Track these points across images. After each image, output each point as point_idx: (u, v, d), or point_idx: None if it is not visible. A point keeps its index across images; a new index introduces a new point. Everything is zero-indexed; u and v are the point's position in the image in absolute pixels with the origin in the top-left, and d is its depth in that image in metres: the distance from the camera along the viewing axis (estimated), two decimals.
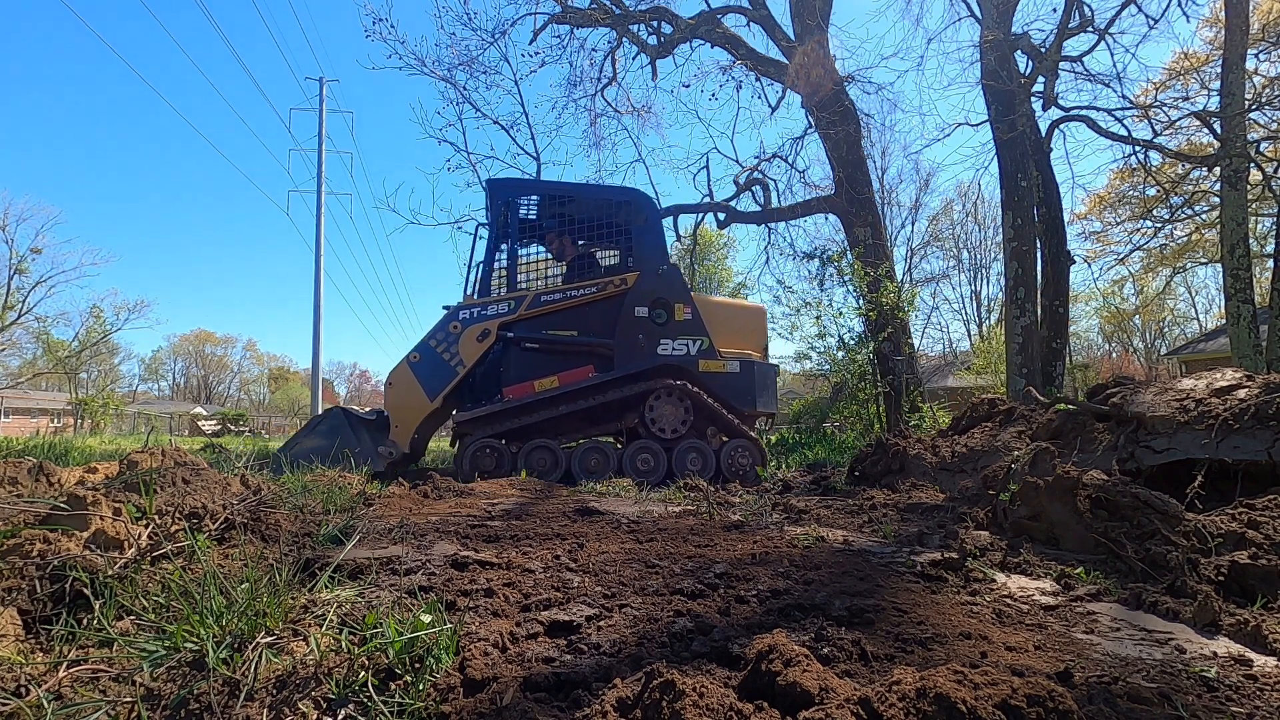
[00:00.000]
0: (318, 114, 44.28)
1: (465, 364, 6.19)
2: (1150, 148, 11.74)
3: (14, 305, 30.97)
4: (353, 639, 1.40)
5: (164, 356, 71.92)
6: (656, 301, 6.44)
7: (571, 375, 6.21)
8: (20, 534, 1.83)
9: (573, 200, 6.88)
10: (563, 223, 6.84)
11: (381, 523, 2.98)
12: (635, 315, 6.35)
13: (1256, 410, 2.90)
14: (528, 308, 6.30)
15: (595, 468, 6.04)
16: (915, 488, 4.35)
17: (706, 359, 6.42)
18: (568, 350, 6.36)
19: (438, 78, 13.00)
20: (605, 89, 14.16)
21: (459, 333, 6.23)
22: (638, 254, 6.62)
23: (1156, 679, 1.36)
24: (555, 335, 6.35)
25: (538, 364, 6.26)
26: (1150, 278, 29.98)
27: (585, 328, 6.41)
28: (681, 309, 6.46)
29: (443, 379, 6.17)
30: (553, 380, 6.15)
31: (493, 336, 6.22)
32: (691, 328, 6.44)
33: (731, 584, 2.02)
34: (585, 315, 6.43)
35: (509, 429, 6.04)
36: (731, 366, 6.47)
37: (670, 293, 6.48)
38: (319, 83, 44.69)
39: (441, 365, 6.18)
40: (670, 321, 6.44)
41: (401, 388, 6.22)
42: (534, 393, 6.11)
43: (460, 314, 6.31)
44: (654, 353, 6.33)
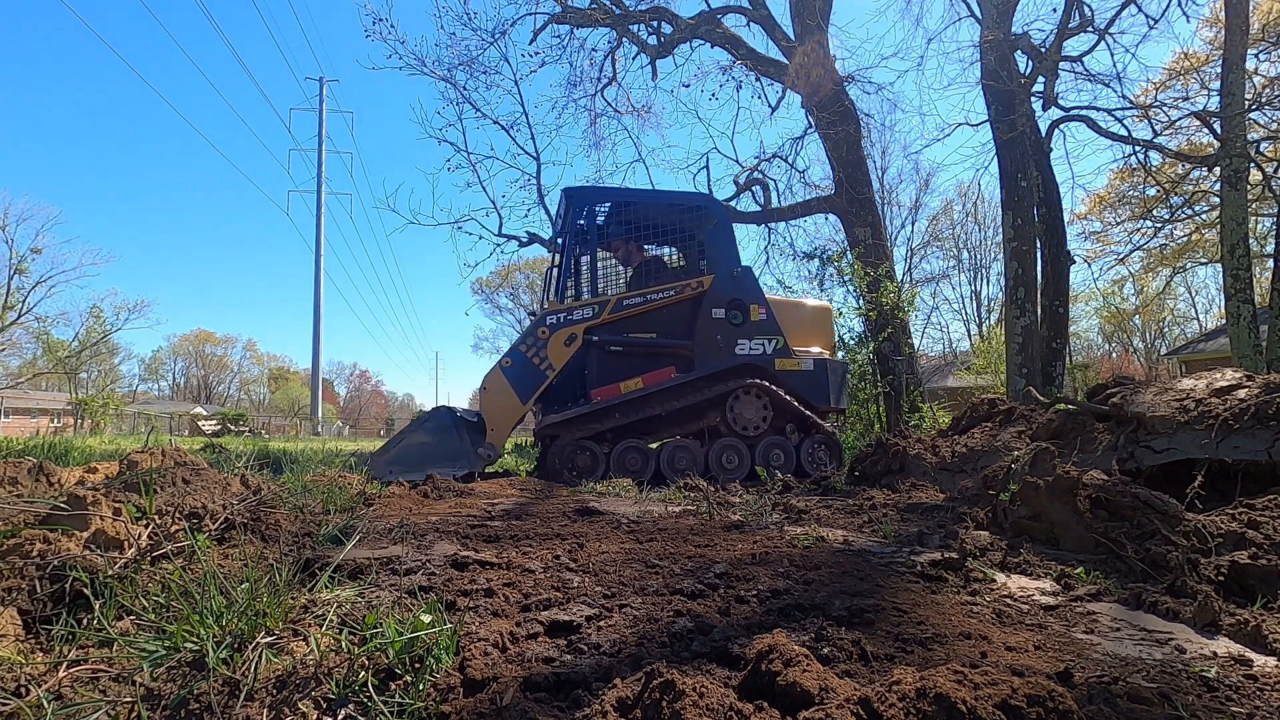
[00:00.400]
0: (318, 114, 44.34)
1: (554, 367, 6.41)
2: (1150, 148, 11.74)
3: (14, 305, 30.97)
4: (353, 639, 1.40)
5: (164, 356, 71.94)
6: (732, 303, 6.62)
7: (655, 376, 6.39)
8: (20, 534, 1.83)
9: (645, 206, 7.04)
10: (635, 228, 6.98)
11: (381, 523, 2.98)
12: (713, 317, 6.53)
13: (1256, 410, 2.90)
14: (610, 312, 6.49)
15: (684, 466, 6.15)
16: (915, 488, 4.35)
17: (782, 358, 6.60)
18: (649, 352, 6.54)
19: (438, 78, 13.01)
20: (605, 89, 14.16)
21: (547, 337, 6.43)
22: (711, 257, 6.79)
23: (1156, 679, 1.36)
24: (637, 338, 6.54)
25: (622, 366, 6.44)
26: (1150, 278, 29.98)
27: (663, 330, 6.60)
28: (756, 309, 6.65)
29: (534, 382, 6.39)
30: (637, 382, 6.33)
31: (579, 340, 6.42)
32: (766, 327, 6.62)
33: (731, 584, 2.02)
34: (663, 318, 6.61)
35: (597, 430, 6.22)
36: (806, 364, 6.66)
37: (745, 294, 6.67)
38: (319, 83, 44.76)
39: (532, 369, 6.39)
40: (746, 322, 6.62)
41: (496, 392, 6.42)
42: (620, 394, 6.28)
43: (547, 319, 6.49)
44: (732, 352, 6.50)
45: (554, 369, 6.39)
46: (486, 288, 61.60)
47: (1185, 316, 41.82)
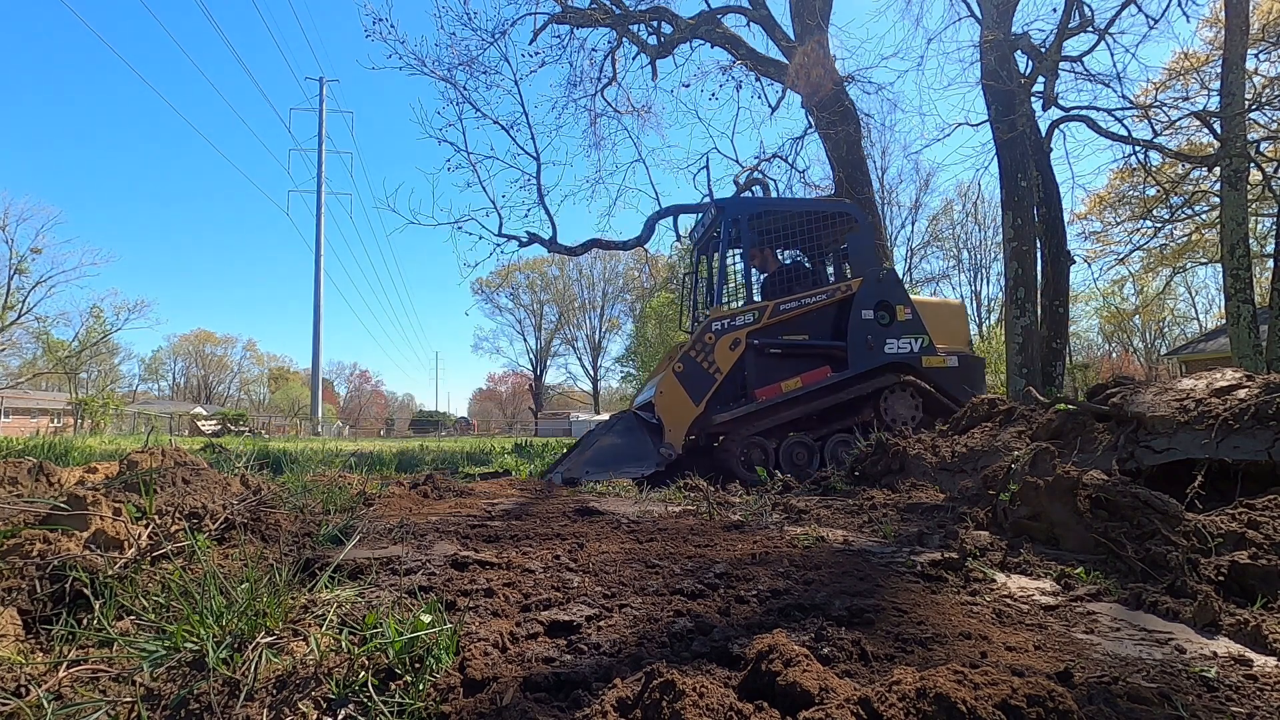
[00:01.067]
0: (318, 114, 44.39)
1: (722, 371, 6.78)
2: (1150, 148, 11.75)
3: (14, 305, 30.99)
4: (353, 639, 1.40)
5: (164, 356, 71.97)
6: (880, 304, 6.94)
7: (812, 376, 6.80)
8: (20, 534, 1.83)
9: (789, 215, 7.45)
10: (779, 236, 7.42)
11: (381, 523, 2.98)
12: (862, 318, 6.88)
13: (1256, 410, 2.90)
14: (769, 316, 6.88)
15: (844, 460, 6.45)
16: (915, 488, 4.35)
17: (928, 355, 6.91)
18: (805, 353, 6.95)
19: (438, 78, 12.98)
20: (605, 89, 14.15)
21: (714, 343, 6.81)
22: (856, 261, 7.19)
23: (1156, 679, 1.36)
24: (792, 339, 6.96)
25: (780, 367, 6.87)
26: (1150, 278, 30.00)
27: (814, 331, 7.00)
28: (902, 310, 6.98)
29: (704, 385, 6.77)
30: (796, 381, 6.75)
31: (743, 345, 6.79)
32: (912, 327, 6.93)
33: (731, 584, 2.02)
34: (814, 320, 7.01)
35: (764, 427, 6.65)
36: (950, 361, 6.97)
37: (891, 295, 6.99)
38: (319, 83, 44.79)
39: (702, 373, 6.77)
40: (893, 322, 6.95)
41: (670, 396, 6.77)
42: (782, 393, 6.71)
43: (713, 326, 6.89)
44: (882, 351, 6.84)
45: (721, 372, 6.78)
46: (486, 288, 61.70)
47: (1185, 316, 41.85)
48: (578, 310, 64.23)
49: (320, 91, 44.22)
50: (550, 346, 65.36)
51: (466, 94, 12.95)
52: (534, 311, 64.53)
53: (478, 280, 63.43)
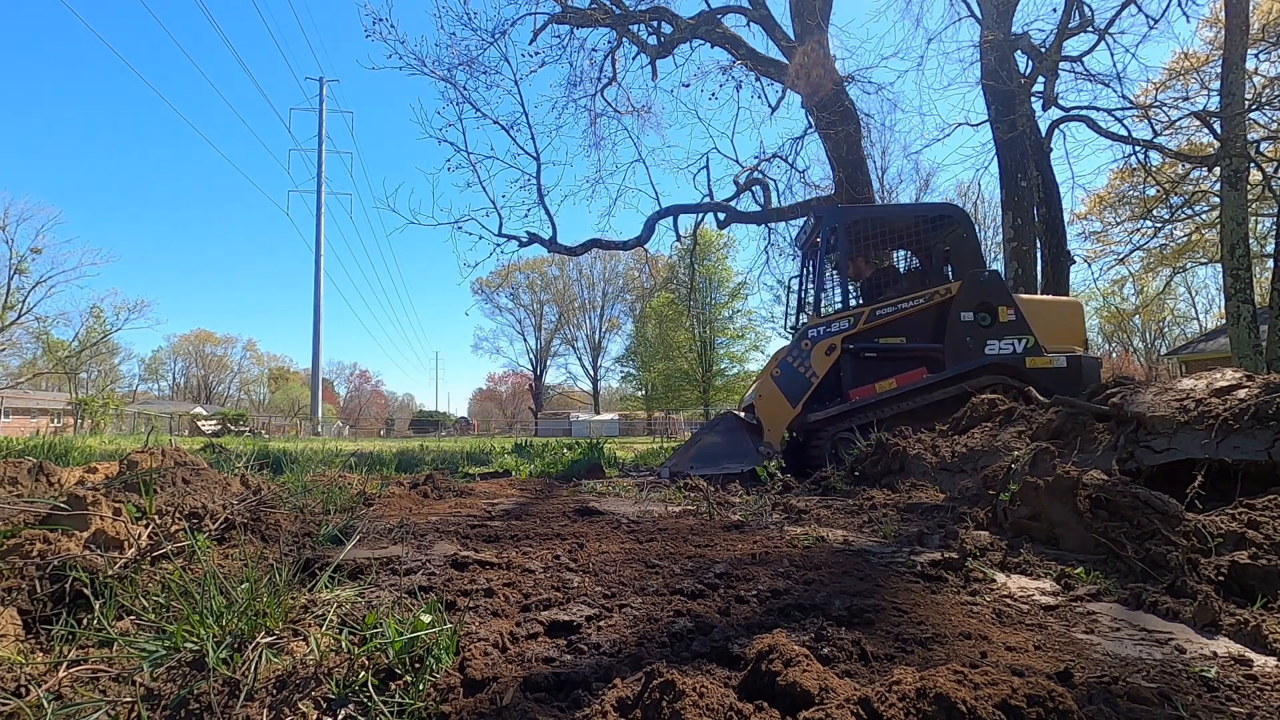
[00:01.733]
0: (318, 114, 44.39)
1: (818, 375, 7.04)
2: (1150, 148, 11.74)
3: (14, 305, 30.98)
4: (353, 639, 1.40)
5: (164, 356, 71.98)
6: (981, 305, 6.95)
7: (907, 377, 6.91)
8: (20, 534, 1.83)
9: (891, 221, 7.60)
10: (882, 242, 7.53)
11: (381, 523, 2.98)
12: (961, 320, 6.91)
13: (1256, 410, 2.90)
14: (865, 322, 7.06)
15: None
16: (915, 488, 4.35)
17: (1033, 356, 6.84)
18: (903, 356, 7.06)
19: (438, 78, 12.98)
20: (605, 89, 14.15)
21: (809, 349, 7.10)
22: (958, 263, 7.22)
23: (1156, 679, 1.36)
24: (887, 343, 7.08)
25: (876, 369, 7.01)
26: (1150, 278, 29.98)
27: (912, 334, 7.08)
28: (1005, 311, 6.95)
29: (800, 388, 7.06)
30: (890, 382, 6.88)
31: (838, 350, 7.03)
32: (1016, 328, 6.88)
33: (731, 584, 2.02)
34: (912, 323, 7.09)
35: (856, 425, 6.76)
36: (1058, 361, 6.84)
37: (993, 296, 6.98)
38: (319, 83, 44.79)
39: (798, 377, 7.08)
40: (995, 323, 6.93)
41: (769, 398, 7.12)
42: (875, 394, 6.86)
43: (809, 333, 7.17)
44: (982, 353, 6.84)
45: (817, 376, 7.04)
46: (486, 288, 61.70)
47: (1185, 316, 41.85)
48: (578, 310, 64.24)
49: (320, 91, 44.23)
50: (550, 346, 65.38)
51: (466, 94, 12.96)
52: (534, 311, 64.56)
53: (478, 280, 63.45)
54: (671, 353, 38.64)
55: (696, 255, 25.12)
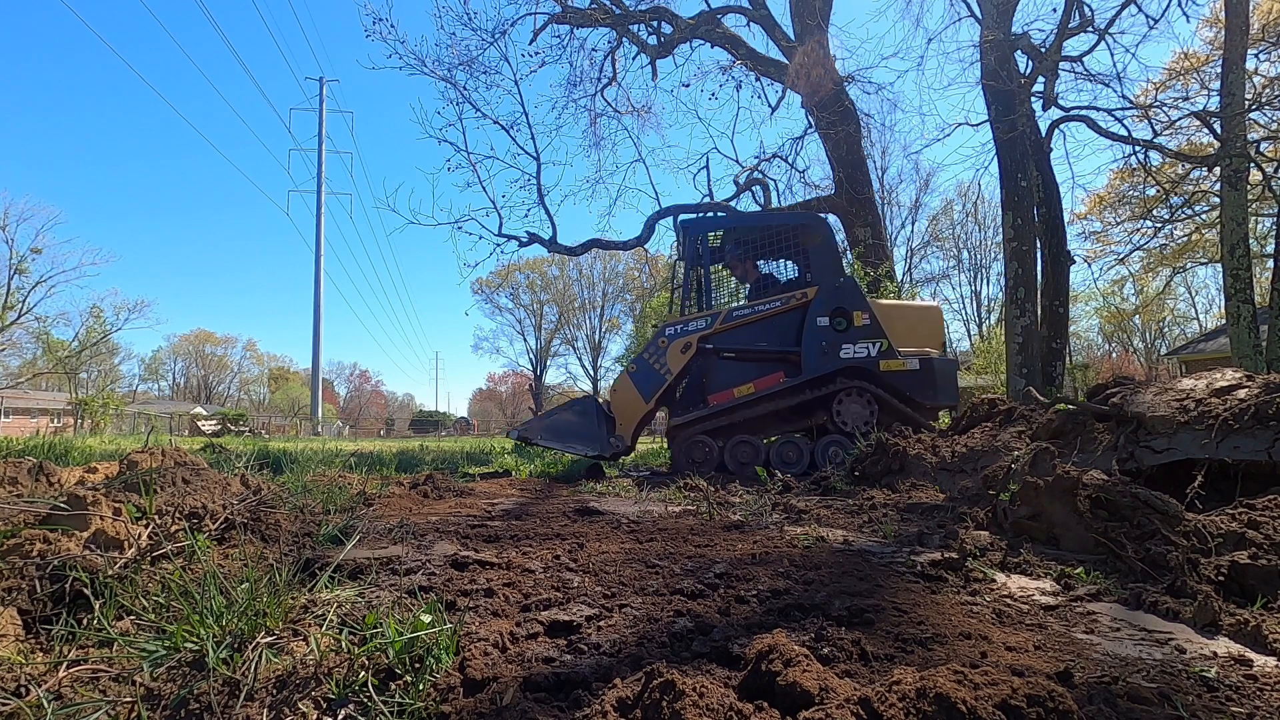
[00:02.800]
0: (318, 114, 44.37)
1: (672, 371, 7.25)
2: (1150, 148, 11.74)
3: (14, 305, 30.96)
4: (353, 639, 1.40)
5: (164, 356, 71.92)
6: (836, 310, 7.16)
7: (765, 381, 7.12)
8: (20, 534, 1.83)
9: (754, 229, 7.87)
10: (748, 249, 7.77)
11: (381, 523, 2.98)
12: (818, 324, 7.11)
13: (1256, 410, 2.90)
14: (722, 322, 7.27)
15: (792, 460, 6.85)
16: (915, 488, 4.35)
17: (886, 359, 7.07)
18: (760, 358, 7.28)
19: (438, 78, 12.98)
20: (605, 89, 14.16)
21: (666, 346, 7.32)
22: (816, 269, 7.44)
23: (1156, 679, 1.36)
24: (745, 345, 7.30)
25: (735, 373, 7.25)
26: (1150, 278, 29.99)
27: (773, 338, 7.30)
28: (860, 315, 7.16)
29: (655, 384, 7.27)
30: (749, 387, 7.09)
31: (694, 348, 7.22)
32: (870, 332, 7.11)
33: (731, 584, 2.02)
34: (772, 327, 7.30)
35: (714, 428, 7.07)
36: (911, 364, 7.06)
37: (848, 302, 7.19)
38: (319, 83, 44.78)
39: (653, 373, 7.29)
40: (850, 328, 7.14)
41: (623, 392, 7.35)
42: (734, 398, 7.07)
43: (666, 330, 7.42)
44: (837, 357, 7.05)
45: (672, 373, 7.23)
46: (486, 288, 61.62)
47: (1185, 316, 41.84)
48: (578, 310, 64.18)
49: (320, 91, 44.21)
50: (550, 346, 65.32)
51: (466, 94, 12.97)
52: (534, 311, 64.48)
53: (478, 280, 63.37)
54: None
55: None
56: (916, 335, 7.39)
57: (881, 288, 10.70)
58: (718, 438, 7.05)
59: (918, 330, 7.46)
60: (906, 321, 7.46)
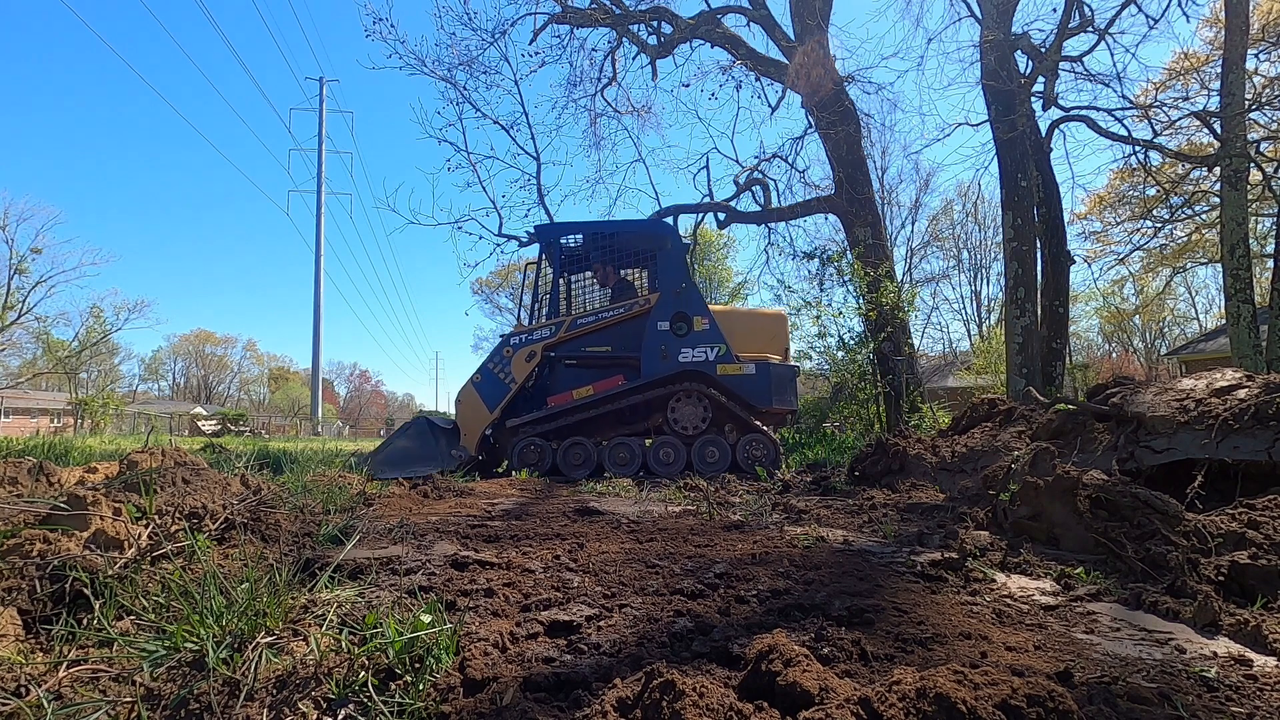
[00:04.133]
0: (318, 114, 44.35)
1: (517, 380, 7.28)
2: (1150, 148, 11.73)
3: (14, 305, 30.93)
4: (353, 639, 1.40)
5: (164, 356, 71.90)
6: (677, 316, 7.24)
7: (604, 384, 7.18)
8: (20, 534, 1.83)
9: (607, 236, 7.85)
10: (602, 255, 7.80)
11: (381, 523, 2.98)
12: (658, 329, 7.19)
13: (1256, 410, 2.90)
14: (566, 331, 7.36)
15: (623, 461, 6.86)
16: (915, 488, 4.35)
17: (724, 363, 7.15)
18: (601, 364, 7.35)
19: (438, 78, 13.00)
20: (605, 89, 14.16)
21: (511, 356, 7.38)
22: (661, 276, 7.49)
23: (1156, 679, 1.36)
24: (589, 352, 7.39)
25: (576, 376, 7.33)
26: (1150, 278, 29.99)
27: (618, 344, 7.37)
28: (700, 321, 7.26)
29: (499, 394, 7.30)
30: (588, 389, 7.15)
31: (538, 357, 7.29)
32: (709, 336, 7.19)
33: (731, 584, 2.02)
34: (617, 333, 7.37)
35: (551, 429, 7.11)
36: (748, 369, 7.16)
37: (689, 307, 7.27)
38: (319, 83, 44.76)
39: (498, 383, 7.33)
40: (690, 332, 7.21)
41: (467, 403, 7.36)
42: (572, 400, 7.12)
43: (511, 340, 7.43)
44: (675, 360, 7.12)
45: (516, 382, 7.28)
46: (486, 288, 61.52)
47: (1185, 316, 41.84)
48: None
49: (320, 91, 44.19)
50: None
51: (466, 94, 12.98)
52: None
53: (477, 280, 63.35)
54: None
55: (696, 255, 25.11)
56: (759, 341, 7.50)
57: (882, 288, 10.70)
58: (551, 440, 7.07)
59: (760, 336, 7.56)
60: (750, 328, 7.58)
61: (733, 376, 7.10)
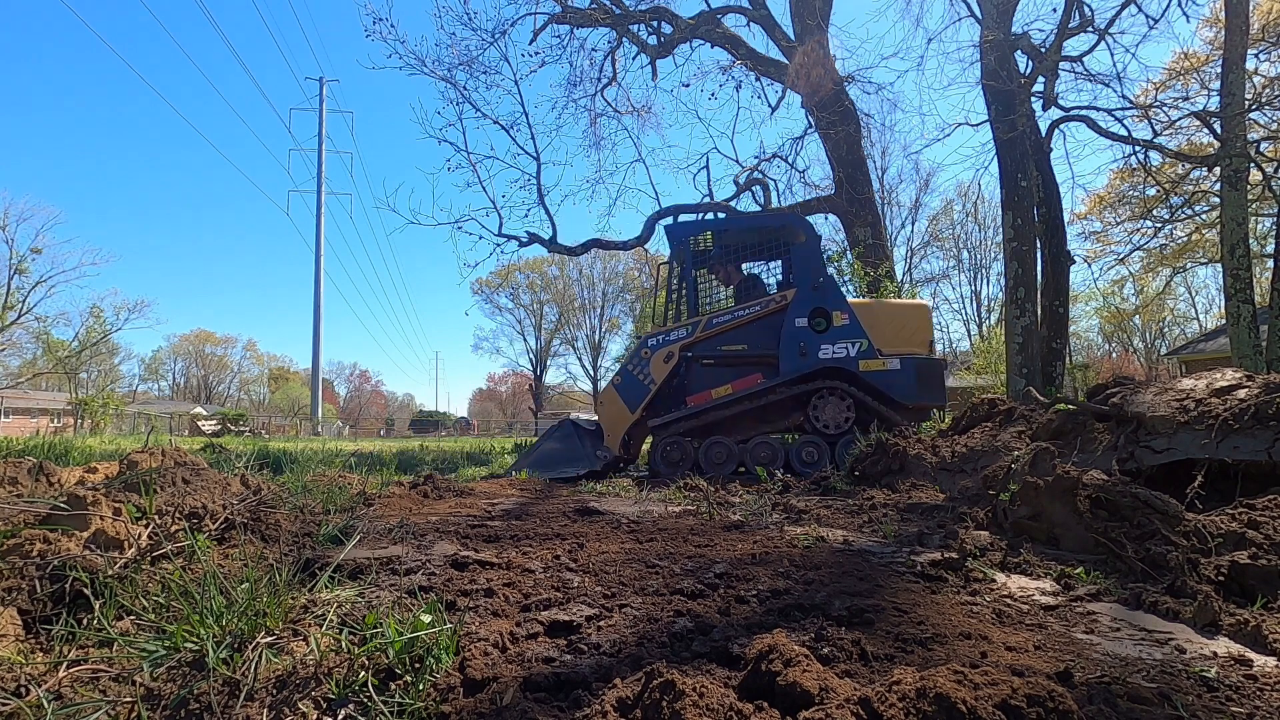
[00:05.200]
0: (318, 114, 44.38)
1: (656, 381, 7.39)
2: (1150, 148, 11.73)
3: (14, 305, 30.95)
4: (353, 639, 1.40)
5: (164, 356, 71.90)
6: (815, 311, 7.15)
7: (743, 383, 7.19)
8: (20, 534, 1.83)
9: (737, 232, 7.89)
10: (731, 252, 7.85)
11: (381, 523, 2.97)
12: (796, 326, 7.12)
13: (1256, 410, 2.90)
14: (702, 330, 7.39)
15: (765, 459, 6.83)
16: (915, 488, 4.35)
17: (866, 359, 6.99)
18: (739, 362, 7.36)
19: (438, 78, 12.99)
20: (605, 89, 14.16)
21: (649, 357, 7.50)
22: (797, 271, 7.41)
23: (1156, 679, 1.36)
24: (727, 350, 7.41)
25: (714, 376, 7.37)
26: (1150, 278, 30.00)
27: (754, 342, 7.35)
28: (840, 316, 7.12)
29: (639, 394, 7.44)
30: (727, 388, 7.18)
31: (676, 357, 7.37)
32: (850, 331, 7.05)
33: (731, 584, 2.02)
34: (753, 331, 7.34)
35: (692, 428, 7.21)
36: (891, 364, 6.98)
37: (827, 302, 7.16)
38: (319, 83, 44.78)
39: (637, 384, 7.48)
40: (829, 328, 7.10)
41: (609, 404, 7.55)
42: (711, 399, 7.18)
43: (648, 341, 7.59)
44: (815, 357, 7.03)
45: (655, 382, 7.39)
46: (486, 288, 61.61)
47: (1185, 316, 41.85)
48: (578, 310, 64.17)
49: (320, 91, 44.20)
50: (550, 346, 65.29)
51: (466, 94, 12.97)
52: (534, 311, 64.45)
53: (478, 280, 63.37)
54: None
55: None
56: (902, 335, 7.31)
57: (881, 288, 10.69)
58: (693, 439, 7.17)
59: (904, 330, 7.36)
60: (892, 322, 7.37)
61: (876, 373, 6.93)
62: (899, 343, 7.20)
